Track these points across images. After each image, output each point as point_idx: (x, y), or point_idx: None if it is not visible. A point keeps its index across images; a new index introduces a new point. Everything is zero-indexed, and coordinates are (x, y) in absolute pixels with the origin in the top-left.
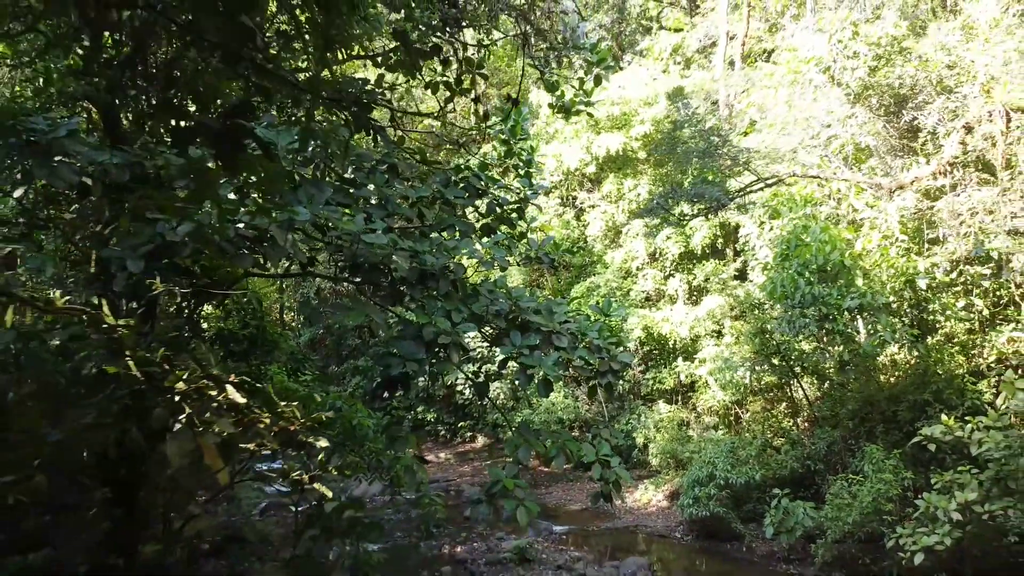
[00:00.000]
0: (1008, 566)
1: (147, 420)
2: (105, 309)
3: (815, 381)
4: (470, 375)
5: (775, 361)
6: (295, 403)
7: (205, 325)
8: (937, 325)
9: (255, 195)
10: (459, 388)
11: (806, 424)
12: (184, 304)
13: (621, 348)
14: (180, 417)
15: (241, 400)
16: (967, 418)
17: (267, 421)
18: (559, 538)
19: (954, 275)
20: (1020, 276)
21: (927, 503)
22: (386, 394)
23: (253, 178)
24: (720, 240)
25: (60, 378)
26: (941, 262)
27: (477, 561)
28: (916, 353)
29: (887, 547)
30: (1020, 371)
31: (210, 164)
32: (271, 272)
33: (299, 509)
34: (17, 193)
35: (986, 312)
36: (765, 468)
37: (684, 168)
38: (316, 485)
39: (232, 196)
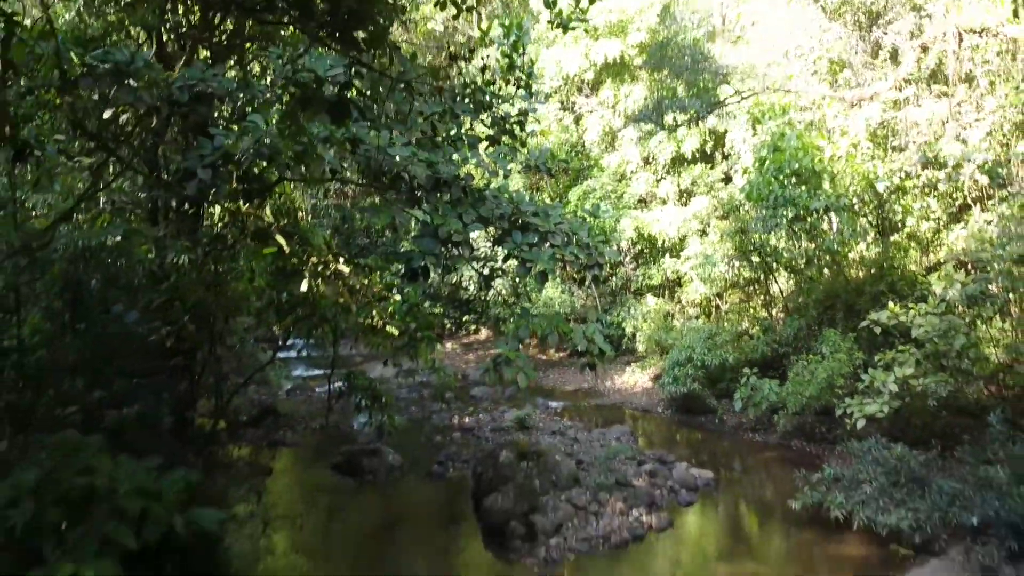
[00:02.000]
0: (941, 433)
1: (196, 309)
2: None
3: (790, 276)
4: (477, 270)
5: (753, 258)
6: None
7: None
8: (899, 225)
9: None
10: (464, 285)
11: (780, 314)
12: (230, 205)
13: (607, 246)
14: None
15: (345, 270)
16: (911, 305)
17: (364, 283)
18: (554, 412)
19: (916, 179)
20: (971, 180)
21: (871, 377)
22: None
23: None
24: (710, 145)
25: (122, 270)
26: (900, 167)
27: (483, 429)
28: (879, 250)
29: (837, 416)
30: (967, 266)
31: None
32: (307, 177)
33: (331, 386)
34: (106, 114)
35: (942, 214)
36: (739, 352)
37: (678, 75)
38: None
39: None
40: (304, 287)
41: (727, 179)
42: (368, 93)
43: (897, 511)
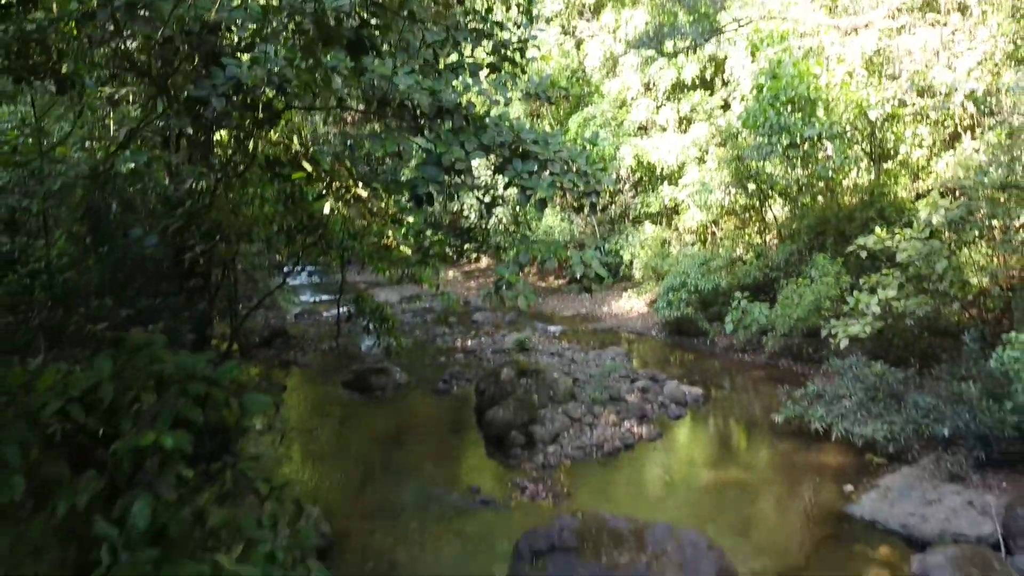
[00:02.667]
0: (922, 353)
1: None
2: None
3: (785, 203)
4: (479, 198)
5: (749, 185)
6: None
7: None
8: (891, 153)
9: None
10: (465, 214)
11: (774, 241)
12: (239, 134)
13: (605, 173)
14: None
15: (364, 193)
16: (897, 231)
17: (381, 206)
18: (553, 336)
19: (908, 108)
20: (961, 108)
21: (856, 300)
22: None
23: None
24: (710, 72)
25: (138, 196)
26: (893, 95)
27: (484, 351)
28: (871, 178)
29: (823, 336)
30: (954, 193)
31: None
32: (315, 105)
33: (340, 309)
34: (134, 43)
35: (933, 141)
36: (732, 277)
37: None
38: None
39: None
40: (327, 209)
41: (726, 106)
42: (374, 22)
43: (873, 423)
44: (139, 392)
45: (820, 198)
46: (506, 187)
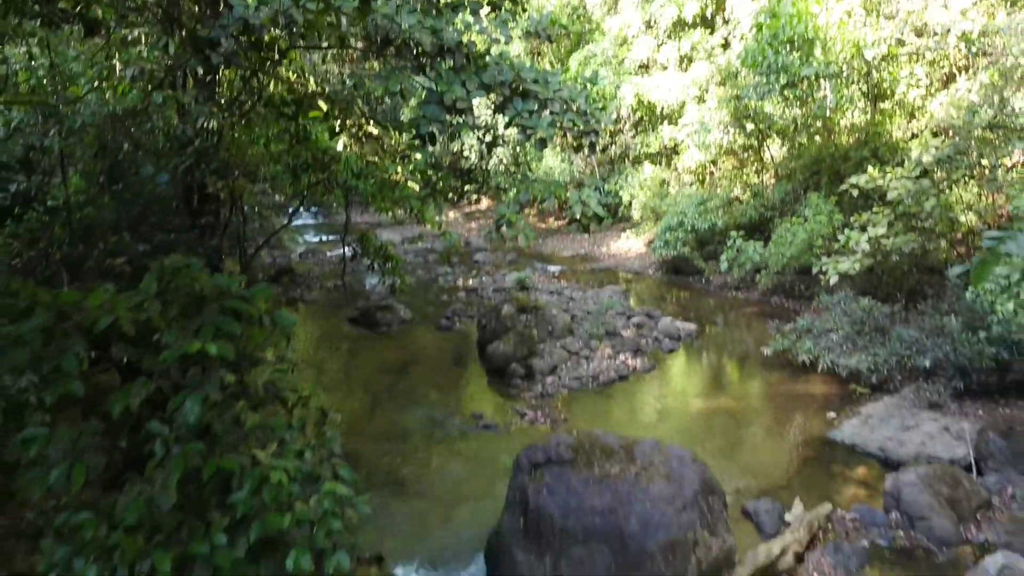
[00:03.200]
0: (910, 290)
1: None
2: None
3: (783, 142)
4: (479, 137)
5: (747, 125)
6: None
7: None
8: (888, 93)
9: None
10: (465, 154)
11: (771, 181)
12: (245, 74)
13: (605, 113)
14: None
15: (374, 131)
16: (888, 169)
17: (391, 143)
18: (552, 275)
19: (903, 47)
20: (954, 49)
21: (846, 237)
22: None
23: None
24: (710, 10)
25: (148, 135)
26: (890, 35)
27: (485, 290)
28: (867, 118)
29: (814, 273)
30: (948, 132)
31: None
32: (319, 45)
33: (345, 247)
34: None
35: (930, 81)
36: (728, 216)
37: None
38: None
39: None
40: (341, 147)
41: (726, 45)
42: None
43: (858, 355)
44: (183, 307)
45: (817, 138)
46: (507, 126)
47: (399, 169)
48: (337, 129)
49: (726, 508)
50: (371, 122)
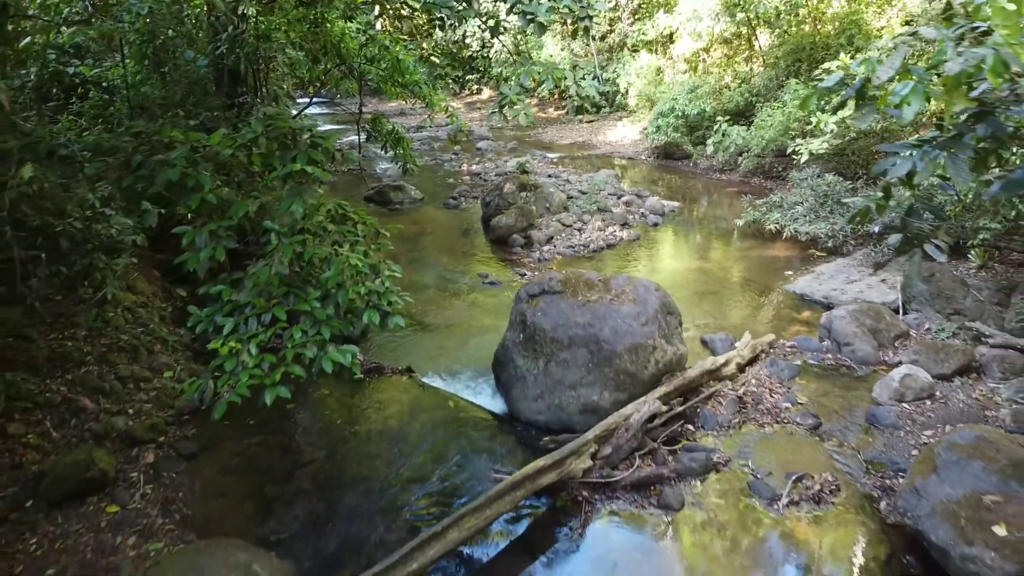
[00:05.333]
0: (872, 167)
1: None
2: None
3: (771, 31)
4: (481, 25)
5: (737, 14)
6: None
7: None
8: None
9: None
10: (467, 42)
11: (759, 68)
12: None
13: None
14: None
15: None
16: (859, 55)
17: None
18: (551, 161)
19: None
20: None
21: (817, 120)
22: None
23: None
24: None
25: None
26: None
27: (488, 174)
28: (848, 7)
29: (788, 154)
30: (914, 21)
31: None
32: None
33: (359, 129)
34: None
35: None
36: (717, 102)
37: None
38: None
39: None
40: (379, 25)
41: None
42: None
43: (818, 224)
44: (280, 142)
45: (806, 27)
46: (508, 12)
47: (424, 45)
48: (378, 11)
49: (680, 326)
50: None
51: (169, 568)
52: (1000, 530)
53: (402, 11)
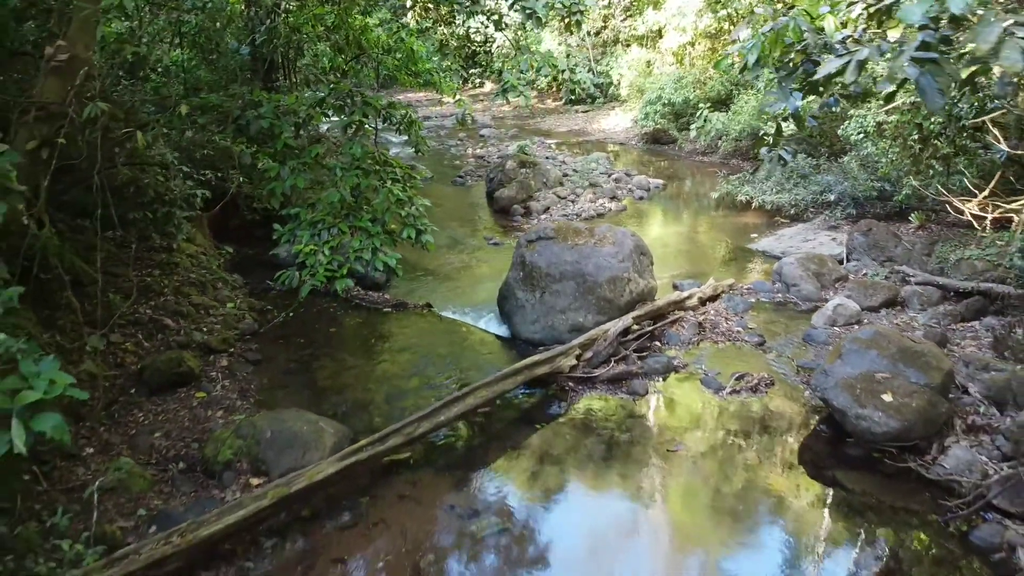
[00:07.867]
0: (831, 146)
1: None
2: None
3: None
4: (484, 22)
5: (719, 11)
6: None
7: None
8: None
9: None
10: (471, 37)
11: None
12: None
13: None
14: None
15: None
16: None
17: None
18: (549, 146)
19: None
20: None
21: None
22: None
23: None
24: None
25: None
26: None
27: (491, 156)
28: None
29: (760, 136)
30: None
31: None
32: None
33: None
34: None
35: None
36: (701, 91)
37: None
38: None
39: None
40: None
41: None
42: None
43: (782, 195)
44: (341, 102)
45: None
46: (510, 8)
47: (446, 32)
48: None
49: (652, 265)
50: None
51: (259, 421)
52: (887, 397)
53: (428, 3)
